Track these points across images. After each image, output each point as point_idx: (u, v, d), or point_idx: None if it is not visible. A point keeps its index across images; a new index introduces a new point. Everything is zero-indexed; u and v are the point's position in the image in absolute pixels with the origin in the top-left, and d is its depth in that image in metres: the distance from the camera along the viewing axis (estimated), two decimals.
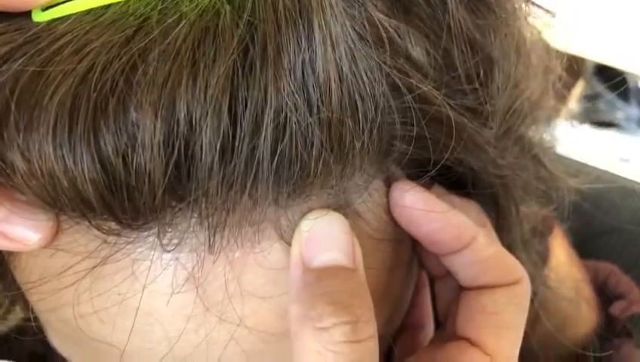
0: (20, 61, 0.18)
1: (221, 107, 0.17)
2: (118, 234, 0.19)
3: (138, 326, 0.21)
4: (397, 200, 0.22)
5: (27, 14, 0.19)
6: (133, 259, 0.20)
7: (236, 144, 0.17)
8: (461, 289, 0.24)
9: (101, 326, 0.21)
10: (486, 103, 0.22)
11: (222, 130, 0.17)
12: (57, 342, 0.25)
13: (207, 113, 0.17)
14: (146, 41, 0.17)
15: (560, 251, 0.47)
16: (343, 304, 0.19)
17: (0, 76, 0.18)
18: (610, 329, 0.47)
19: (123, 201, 0.18)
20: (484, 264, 0.23)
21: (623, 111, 1.24)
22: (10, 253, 0.22)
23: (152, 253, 0.20)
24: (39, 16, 0.19)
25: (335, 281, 0.20)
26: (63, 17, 0.19)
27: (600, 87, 1.21)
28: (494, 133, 0.23)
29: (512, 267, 0.23)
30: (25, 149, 0.17)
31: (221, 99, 0.17)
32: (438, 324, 0.28)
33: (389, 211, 0.22)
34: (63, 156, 0.17)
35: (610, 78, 1.19)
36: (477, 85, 0.21)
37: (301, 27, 0.18)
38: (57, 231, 0.20)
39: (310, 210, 0.20)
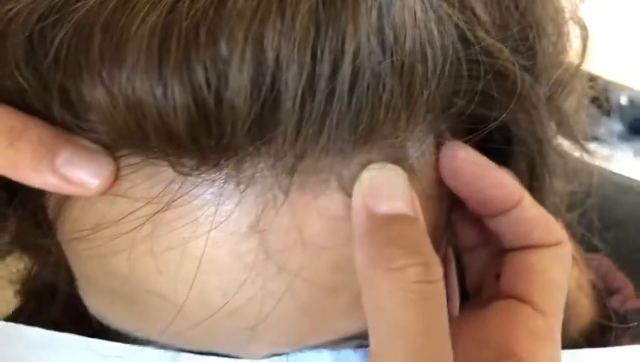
0: None
1: (306, 45, 0.17)
2: (189, 175, 0.19)
3: (197, 276, 0.20)
4: (451, 158, 0.22)
5: None
6: (198, 204, 0.20)
7: (316, 85, 0.17)
8: (504, 252, 0.25)
9: (156, 276, 0.21)
10: (536, 63, 0.22)
11: (305, 69, 0.17)
12: (96, 299, 0.24)
13: (292, 50, 0.17)
14: None
15: None
16: (413, 247, 0.20)
17: (82, 7, 0.17)
18: (609, 321, 0.49)
19: (207, 135, 0.18)
20: (530, 224, 0.24)
21: (605, 126, 1.25)
22: (65, 200, 0.22)
23: (218, 198, 0.19)
24: None
25: (401, 227, 0.20)
26: None
27: None
28: (545, 93, 0.23)
29: (556, 228, 0.24)
30: (110, 82, 0.17)
31: (306, 37, 0.17)
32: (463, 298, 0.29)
33: (437, 171, 0.23)
34: (153, 88, 0.17)
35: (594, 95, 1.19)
36: (528, 45, 0.22)
37: None
38: (117, 178, 0.20)
39: (370, 162, 0.20)
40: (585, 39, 0.27)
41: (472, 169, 0.23)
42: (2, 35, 0.19)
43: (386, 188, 0.20)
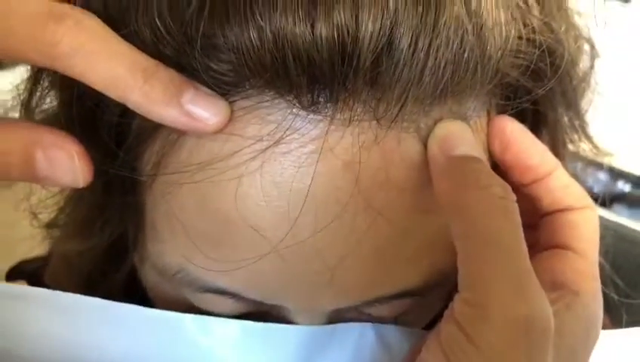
0: None
1: (415, 5, 0.21)
2: (306, 108, 0.22)
3: (295, 209, 0.23)
4: (501, 129, 0.27)
5: None
6: (303, 141, 0.23)
7: (420, 37, 0.22)
8: (542, 216, 0.28)
9: (259, 210, 0.23)
10: (565, 53, 0.27)
11: (414, 24, 0.21)
12: (178, 249, 0.26)
13: (406, 7, 0.21)
14: None
15: None
16: (490, 173, 0.23)
17: None
18: None
19: (341, 67, 0.21)
20: (565, 190, 0.28)
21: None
22: (173, 144, 0.24)
23: (322, 136, 0.23)
24: None
25: (477, 165, 0.24)
26: None
27: None
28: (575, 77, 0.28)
29: (585, 195, 0.28)
30: (263, 22, 0.21)
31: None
32: None
33: (486, 138, 0.27)
34: (303, 26, 0.21)
35: None
36: (560, 38, 0.27)
37: None
38: (231, 119, 0.23)
39: (441, 118, 0.24)
40: (593, 57, 0.32)
41: (518, 139, 0.27)
42: None
43: (458, 137, 0.24)
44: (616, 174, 1.25)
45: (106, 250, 0.31)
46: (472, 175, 0.23)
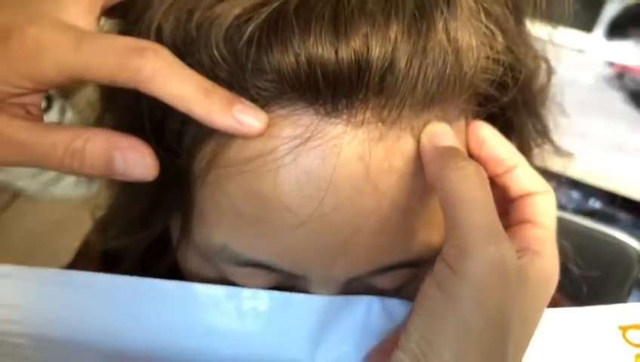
0: (281, 1, 0.29)
1: (409, 34, 0.29)
2: (327, 115, 0.29)
3: (320, 193, 0.30)
4: (476, 129, 0.35)
5: None
6: (326, 139, 0.30)
7: (414, 60, 0.29)
8: (511, 202, 0.35)
9: (292, 193, 0.30)
10: (526, 70, 0.35)
11: (409, 50, 0.29)
12: (223, 229, 0.32)
13: (402, 37, 0.29)
14: None
15: None
16: (468, 158, 0.31)
17: (268, 7, 0.28)
18: None
19: (357, 83, 0.29)
20: (530, 177, 0.35)
21: None
22: (224, 145, 0.31)
23: (341, 135, 0.30)
24: None
25: (457, 150, 0.31)
26: None
27: None
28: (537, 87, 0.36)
29: (544, 181, 0.35)
30: (298, 48, 0.28)
31: (410, 30, 0.29)
32: None
33: (463, 138, 0.34)
34: (330, 51, 0.28)
35: None
36: (521, 57, 0.34)
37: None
38: (270, 124, 0.30)
39: (429, 122, 0.31)
40: (549, 72, 0.40)
41: (490, 138, 0.35)
42: (209, 27, 0.29)
43: (443, 134, 0.31)
44: (587, 192, 1.33)
45: (151, 245, 0.38)
46: (453, 159, 0.30)
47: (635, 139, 1.09)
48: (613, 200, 1.32)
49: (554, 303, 0.64)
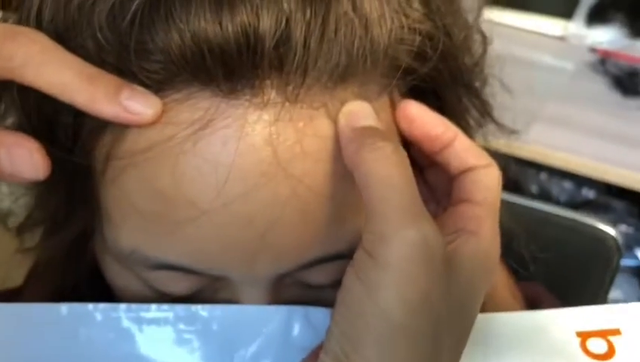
0: None
1: (305, 3, 0.26)
2: (228, 95, 0.27)
3: (225, 182, 0.27)
4: (405, 109, 0.32)
5: None
6: (228, 123, 0.27)
7: (313, 29, 0.26)
8: (452, 178, 0.32)
9: (194, 185, 0.27)
10: (452, 40, 0.32)
11: (305, 18, 0.26)
12: (130, 230, 0.30)
13: (298, 4, 0.26)
14: None
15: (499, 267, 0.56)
16: (386, 138, 0.28)
17: None
18: None
19: (247, 56, 0.26)
20: (469, 151, 0.32)
21: None
22: (119, 135, 0.28)
23: (243, 117, 0.27)
24: None
25: (376, 130, 0.28)
26: None
27: None
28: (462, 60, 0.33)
29: (485, 155, 0.32)
30: (181, 24, 0.25)
31: (306, 0, 0.26)
32: None
33: (392, 117, 0.31)
34: (213, 25, 0.25)
35: (507, 185, 1.34)
36: (447, 27, 0.32)
37: None
38: (165, 110, 0.27)
39: (347, 100, 0.29)
40: (484, 42, 0.37)
41: (420, 115, 0.32)
42: (90, 8, 0.27)
43: (361, 113, 0.29)
44: (580, 182, 1.30)
45: (71, 246, 0.35)
46: (370, 139, 0.28)
47: (619, 125, 1.07)
48: (606, 189, 1.29)
49: (535, 296, 0.62)
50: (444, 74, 0.33)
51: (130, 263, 0.31)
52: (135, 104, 0.26)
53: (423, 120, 0.32)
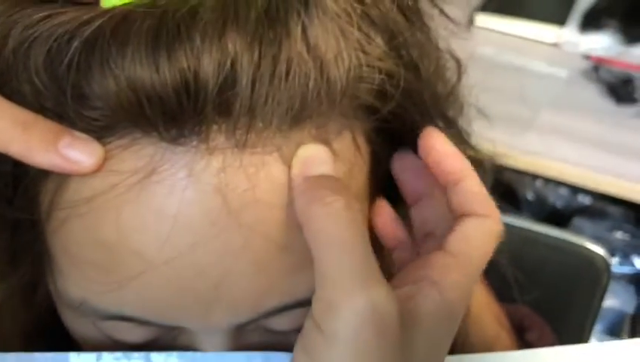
0: (104, 18, 0.24)
1: (253, 43, 0.25)
2: (172, 142, 0.25)
3: (172, 233, 0.26)
4: (427, 137, 0.31)
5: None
6: (173, 170, 0.25)
7: (261, 72, 0.25)
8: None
9: (139, 236, 0.26)
10: (420, 73, 0.31)
11: (253, 60, 0.25)
12: (77, 280, 0.28)
13: (245, 44, 0.24)
14: None
15: (480, 286, 0.54)
16: (338, 191, 0.26)
17: (90, 27, 0.24)
18: None
19: (187, 103, 0.24)
20: (473, 195, 0.30)
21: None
22: (61, 183, 0.27)
23: (190, 164, 0.25)
24: (107, 3, 0.26)
25: (329, 181, 0.27)
26: (125, 4, 0.26)
27: (494, 200, 1.34)
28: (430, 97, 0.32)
29: (489, 204, 0.30)
30: (117, 70, 0.24)
31: (254, 37, 0.25)
32: None
33: (355, 156, 0.30)
34: (149, 70, 0.24)
35: (503, 192, 1.33)
36: (414, 61, 0.30)
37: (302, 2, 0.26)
38: (108, 157, 0.25)
39: (303, 143, 0.27)
40: (459, 69, 0.35)
41: (438, 147, 0.31)
42: (26, 51, 0.25)
43: (316, 159, 0.27)
44: (576, 188, 1.29)
45: (24, 294, 0.34)
46: (321, 192, 0.26)
47: (612, 133, 1.05)
48: (603, 195, 1.28)
49: (522, 319, 0.60)
50: (410, 110, 0.31)
51: (80, 313, 0.30)
52: (74, 152, 0.25)
53: (439, 152, 0.31)
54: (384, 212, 0.34)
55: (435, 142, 0.31)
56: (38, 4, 0.26)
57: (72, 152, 0.25)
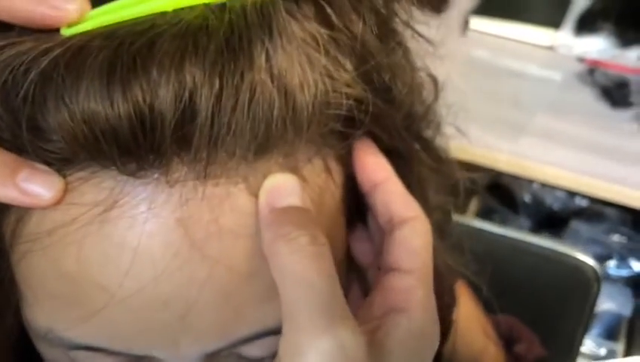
0: (60, 49, 0.24)
1: (213, 73, 0.24)
2: (131, 175, 0.25)
3: (134, 265, 0.25)
4: (355, 151, 0.31)
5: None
6: (134, 203, 0.25)
7: (223, 103, 0.24)
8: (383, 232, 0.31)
9: (100, 269, 0.26)
10: (393, 96, 0.30)
11: (214, 91, 0.24)
12: (42, 310, 0.28)
13: (204, 76, 0.24)
14: (160, 29, 0.24)
15: (467, 300, 0.54)
16: (303, 224, 0.26)
17: (46, 58, 0.24)
18: None
19: (144, 137, 0.24)
20: (398, 198, 0.30)
21: (514, 222, 1.36)
22: (23, 216, 0.27)
23: (151, 196, 0.25)
24: (67, 31, 0.25)
25: (296, 213, 0.26)
26: (85, 32, 0.25)
27: (493, 203, 1.35)
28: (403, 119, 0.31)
29: (413, 205, 0.30)
30: (70, 103, 0.23)
31: (214, 68, 0.24)
32: None
33: (326, 179, 0.30)
34: (103, 103, 0.23)
35: (501, 194, 1.34)
36: (386, 84, 0.30)
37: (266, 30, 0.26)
38: (68, 190, 0.25)
39: (270, 172, 0.27)
40: (436, 88, 0.35)
41: (362, 154, 0.31)
42: None
43: (283, 189, 0.27)
44: (573, 190, 1.28)
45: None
46: (286, 228, 0.26)
47: (607, 136, 1.04)
48: (600, 198, 1.27)
49: (510, 330, 0.60)
50: (381, 135, 0.31)
51: (49, 342, 0.30)
52: (33, 186, 0.25)
53: (362, 160, 0.31)
54: (358, 233, 0.33)
55: (360, 154, 0.31)
56: None
57: (30, 186, 0.25)
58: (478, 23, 1.21)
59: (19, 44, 0.25)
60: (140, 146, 0.24)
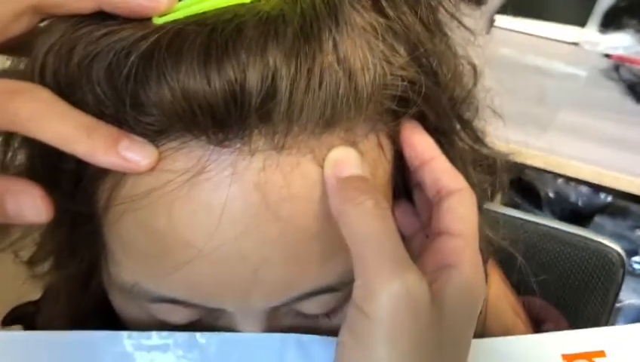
0: (158, 34, 0.28)
1: (290, 57, 0.28)
2: (219, 145, 0.28)
3: (218, 224, 0.29)
4: (403, 130, 0.34)
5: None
6: (220, 169, 0.29)
7: (298, 82, 0.28)
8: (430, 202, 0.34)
9: (188, 228, 0.29)
10: (439, 80, 0.34)
11: (291, 72, 0.28)
12: (130, 266, 0.32)
13: (283, 59, 0.28)
14: (244, 18, 0.28)
15: (497, 278, 0.57)
16: (367, 190, 0.30)
17: (145, 42, 0.28)
18: None
19: (235, 111, 0.28)
20: (446, 172, 0.34)
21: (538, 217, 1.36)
22: (119, 181, 0.30)
23: (234, 163, 0.29)
24: (158, 20, 0.29)
25: (360, 181, 0.30)
26: (175, 21, 0.29)
27: (516, 198, 1.37)
28: (448, 101, 0.35)
29: (459, 179, 0.34)
30: (172, 81, 0.27)
31: (291, 51, 0.28)
32: None
33: (379, 156, 0.33)
34: (201, 81, 0.27)
35: (525, 190, 1.36)
36: (433, 68, 0.34)
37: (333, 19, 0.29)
38: (162, 158, 0.29)
39: (333, 145, 0.30)
40: (475, 74, 0.38)
41: (409, 133, 0.34)
42: (89, 65, 0.29)
43: (346, 161, 0.30)
44: (597, 186, 1.30)
45: (81, 279, 0.37)
46: (353, 193, 0.29)
47: (633, 132, 1.06)
48: (624, 193, 1.29)
49: (539, 311, 0.62)
50: (430, 113, 0.34)
51: (132, 296, 0.33)
52: (132, 154, 0.28)
53: (410, 138, 0.34)
54: (402, 207, 0.37)
55: (409, 133, 0.34)
56: (99, 22, 0.29)
57: (130, 154, 0.28)
58: (504, 21, 1.23)
59: (119, 31, 0.29)
60: (230, 118, 0.28)
